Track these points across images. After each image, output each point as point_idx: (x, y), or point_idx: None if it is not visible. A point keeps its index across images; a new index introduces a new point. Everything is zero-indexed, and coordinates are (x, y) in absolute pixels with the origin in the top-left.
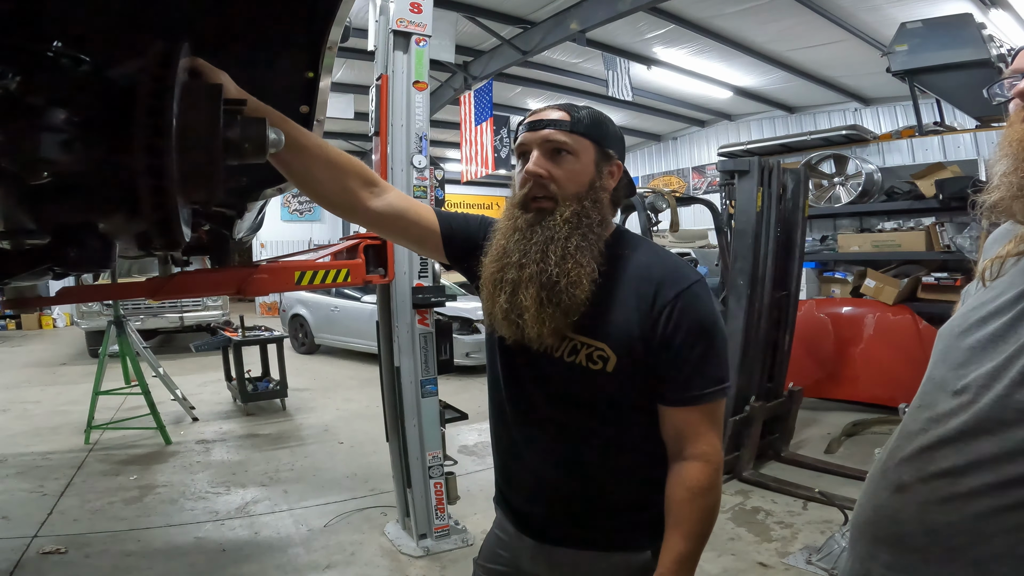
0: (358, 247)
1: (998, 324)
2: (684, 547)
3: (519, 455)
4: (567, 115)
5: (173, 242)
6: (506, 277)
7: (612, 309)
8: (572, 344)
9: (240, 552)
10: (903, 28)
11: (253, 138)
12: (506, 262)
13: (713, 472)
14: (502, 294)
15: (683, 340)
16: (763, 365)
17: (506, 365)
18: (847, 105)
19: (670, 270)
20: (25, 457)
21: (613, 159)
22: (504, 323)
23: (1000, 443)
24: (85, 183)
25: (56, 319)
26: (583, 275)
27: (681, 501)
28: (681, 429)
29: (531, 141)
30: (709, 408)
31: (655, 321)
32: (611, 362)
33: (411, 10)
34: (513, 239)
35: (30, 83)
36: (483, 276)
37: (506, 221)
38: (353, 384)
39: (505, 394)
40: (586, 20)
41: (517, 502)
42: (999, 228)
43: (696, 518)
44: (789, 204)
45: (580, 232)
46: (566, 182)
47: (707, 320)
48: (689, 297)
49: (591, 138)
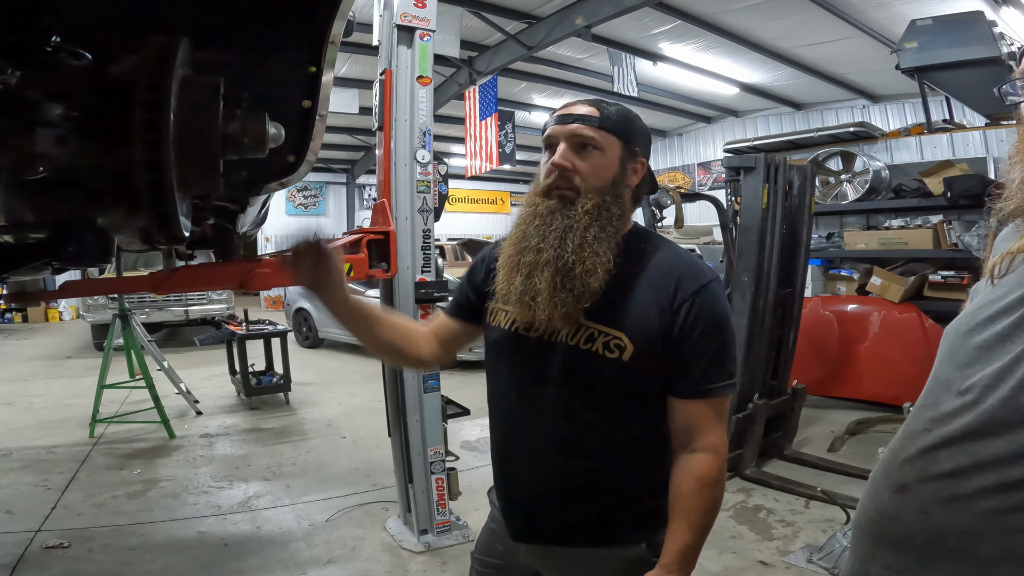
0: (361, 241)
1: (1005, 323)
2: (689, 537)
3: (519, 445)
4: (596, 111)
5: (173, 236)
6: (523, 260)
7: (631, 300)
8: (589, 332)
9: (242, 546)
10: (913, 25)
11: (252, 132)
12: (524, 246)
13: (721, 464)
14: (518, 276)
15: (701, 334)
16: (767, 362)
17: (516, 352)
18: (855, 102)
19: (689, 267)
20: (30, 451)
21: (638, 156)
22: (518, 304)
23: (1005, 444)
24: (83, 178)
25: (62, 312)
26: (598, 264)
27: (689, 492)
28: (691, 421)
29: (559, 134)
30: (718, 402)
31: (675, 314)
32: (628, 351)
33: (415, 5)
34: (533, 225)
35: (28, 78)
36: (500, 260)
37: (527, 209)
38: (356, 378)
39: (511, 382)
40: (592, 15)
41: (514, 494)
42: (1008, 226)
43: (702, 509)
44: (795, 201)
45: (599, 224)
46: (590, 176)
47: (723, 317)
48: (707, 294)
49: (618, 135)
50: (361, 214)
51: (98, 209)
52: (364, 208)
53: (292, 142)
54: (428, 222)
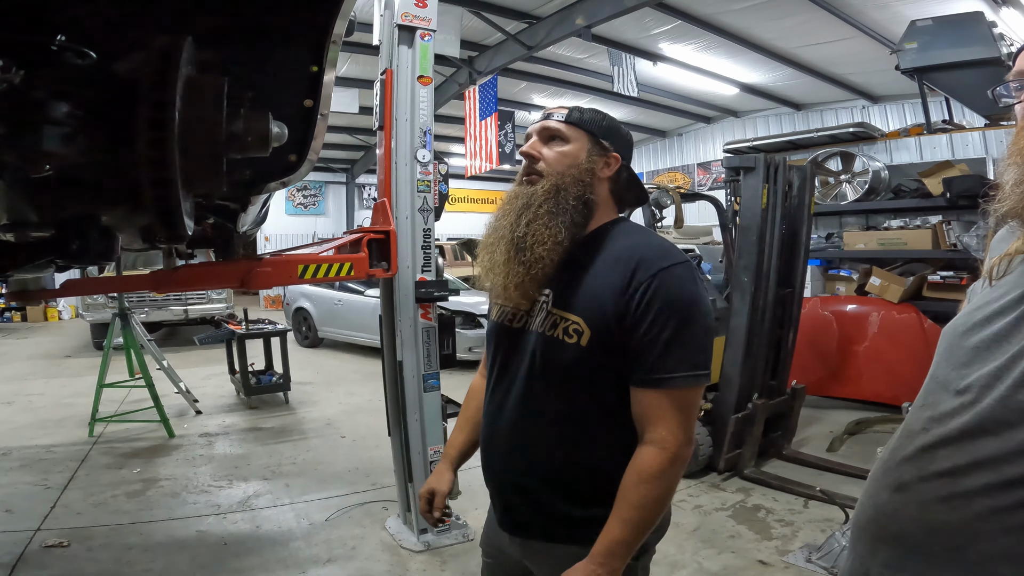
0: (361, 241)
1: (1002, 323)
2: (618, 533)
3: (496, 434)
4: (566, 110)
5: (176, 235)
6: (489, 240)
7: (589, 283)
8: (553, 319)
9: (242, 545)
10: (913, 26)
11: (256, 131)
12: (493, 226)
13: (666, 460)
14: (487, 255)
15: (654, 319)
16: (766, 362)
17: (501, 343)
18: (855, 102)
19: (653, 250)
20: (29, 450)
21: (609, 152)
22: (488, 284)
23: (1002, 443)
24: (88, 176)
25: (61, 311)
26: (547, 235)
27: (627, 484)
28: (644, 412)
29: (532, 130)
30: (677, 394)
31: (630, 298)
32: (585, 336)
33: (416, 4)
34: (501, 208)
35: (33, 77)
36: (479, 245)
37: (504, 197)
38: (356, 378)
39: (496, 372)
40: (592, 15)
41: (493, 484)
42: (1006, 226)
43: (637, 504)
44: (795, 201)
45: (554, 201)
46: (553, 162)
47: (683, 302)
48: (667, 277)
49: (586, 129)
50: (361, 214)
51: (102, 207)
52: (364, 208)
53: (294, 141)
54: (428, 221)
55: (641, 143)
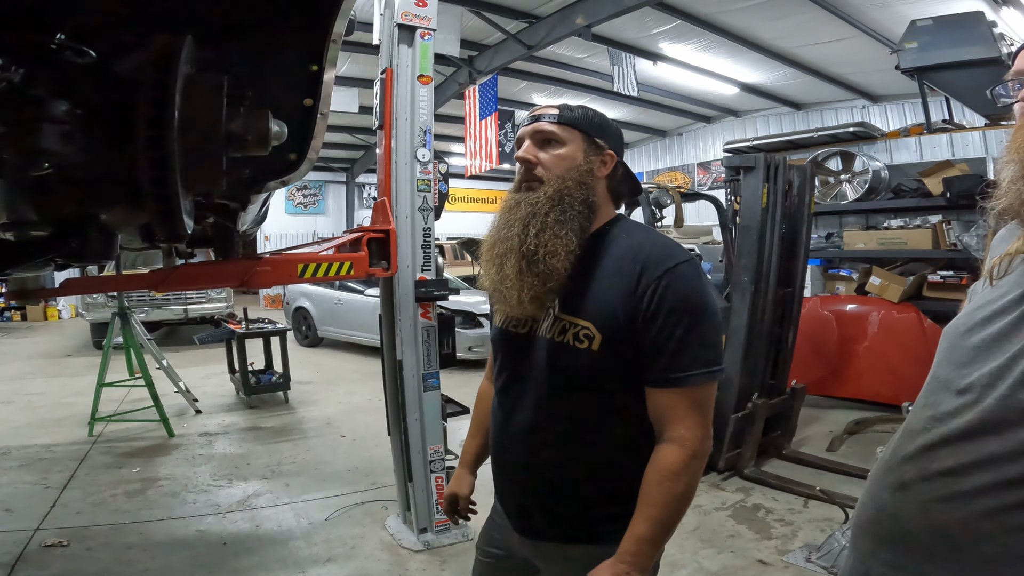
0: (361, 240)
1: (1003, 323)
2: (644, 529)
3: (508, 438)
4: (557, 109)
5: (176, 234)
6: (495, 251)
7: (596, 288)
8: (562, 324)
9: (241, 545)
10: (913, 25)
11: (256, 130)
12: (496, 237)
13: (687, 458)
14: (493, 267)
15: (666, 319)
16: (766, 362)
17: (506, 350)
18: (855, 102)
19: (658, 249)
20: (29, 449)
21: (604, 149)
22: (496, 295)
23: (1003, 443)
24: (88, 175)
25: (61, 311)
26: (559, 246)
27: (650, 483)
28: (662, 411)
29: (525, 133)
30: (693, 391)
31: (639, 300)
32: (596, 341)
33: (416, 4)
34: (503, 217)
35: (32, 75)
36: (481, 257)
37: (501, 205)
38: (356, 377)
39: (503, 377)
40: (592, 15)
41: (505, 489)
42: (1006, 226)
43: (660, 501)
44: (795, 201)
45: (560, 208)
46: (552, 166)
47: (692, 300)
48: (674, 276)
49: (580, 128)
50: (361, 213)
51: (102, 206)
52: (363, 207)
53: (293, 140)
54: (428, 221)
55: (641, 143)
